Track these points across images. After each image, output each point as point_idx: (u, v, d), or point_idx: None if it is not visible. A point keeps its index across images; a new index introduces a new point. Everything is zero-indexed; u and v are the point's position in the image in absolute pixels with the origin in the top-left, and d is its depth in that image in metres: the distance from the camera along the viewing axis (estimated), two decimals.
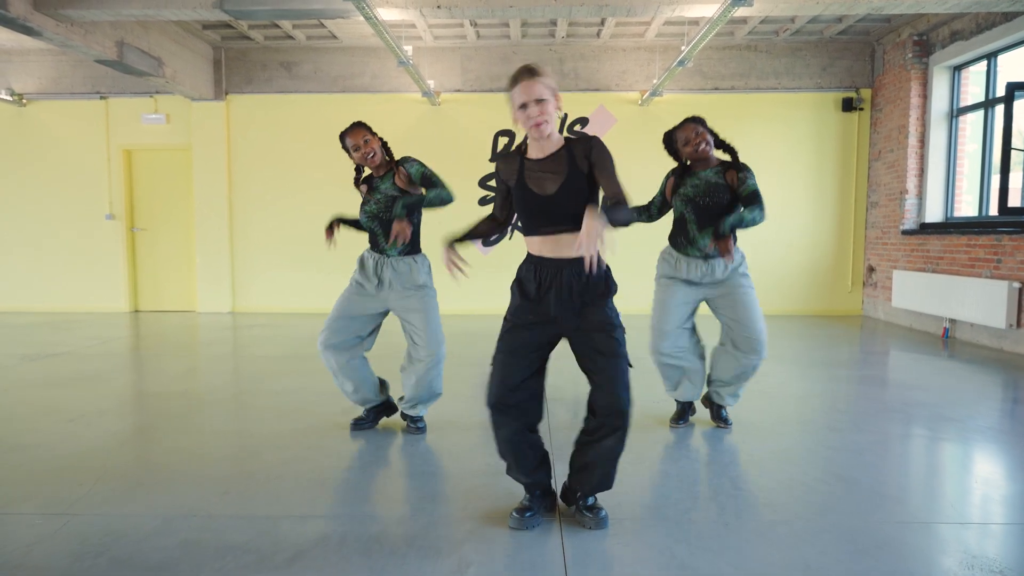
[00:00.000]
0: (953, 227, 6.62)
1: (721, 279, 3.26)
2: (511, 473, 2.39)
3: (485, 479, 2.78)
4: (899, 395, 4.27)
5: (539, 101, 2.12)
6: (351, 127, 3.22)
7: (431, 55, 8.09)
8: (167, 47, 7.21)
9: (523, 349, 2.24)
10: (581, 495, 2.36)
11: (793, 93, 8.04)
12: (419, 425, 3.45)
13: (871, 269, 8.00)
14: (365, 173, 3.39)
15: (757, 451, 3.17)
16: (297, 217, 8.31)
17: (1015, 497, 2.64)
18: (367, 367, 3.43)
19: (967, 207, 7.10)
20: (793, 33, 7.64)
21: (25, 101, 8.37)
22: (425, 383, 3.30)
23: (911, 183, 7.25)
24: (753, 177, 3.19)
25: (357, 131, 3.20)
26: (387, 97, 8.21)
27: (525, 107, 2.14)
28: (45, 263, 8.57)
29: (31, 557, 2.13)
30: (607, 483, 2.32)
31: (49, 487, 2.70)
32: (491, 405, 2.25)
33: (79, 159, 8.46)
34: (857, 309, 8.22)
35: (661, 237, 3.51)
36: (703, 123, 3.21)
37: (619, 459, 2.30)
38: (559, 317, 2.19)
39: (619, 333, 2.21)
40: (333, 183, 7.94)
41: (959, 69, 6.91)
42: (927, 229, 6.97)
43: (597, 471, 2.28)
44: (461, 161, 8.13)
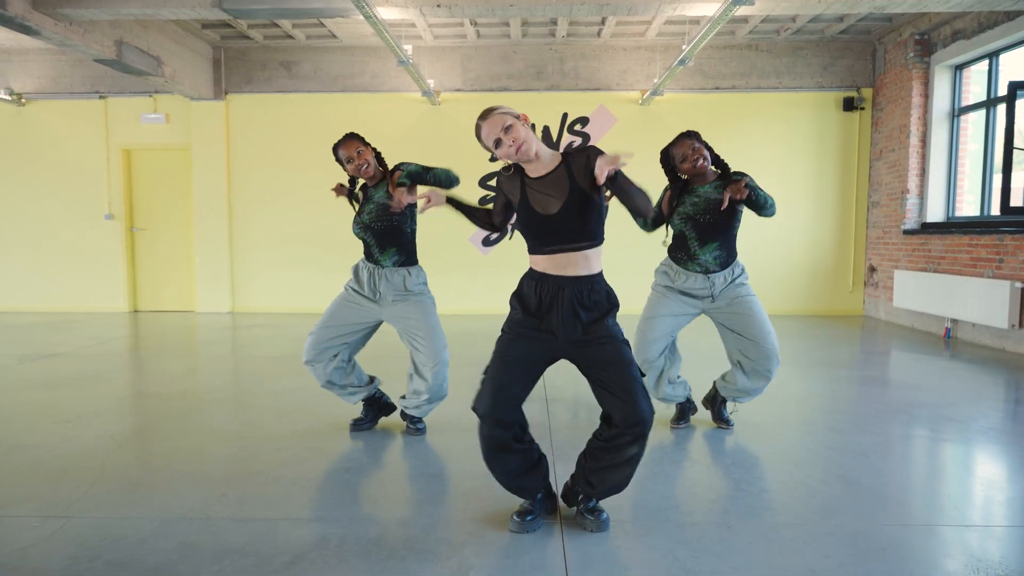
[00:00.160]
0: (955, 227, 6.60)
1: (721, 293, 3.22)
2: (498, 478, 2.33)
3: (485, 481, 2.75)
4: (901, 396, 4.25)
5: (507, 129, 2.14)
6: (344, 139, 3.18)
7: (431, 54, 8.07)
8: (166, 46, 7.19)
9: (520, 362, 2.21)
10: (584, 497, 2.34)
11: (794, 92, 8.02)
12: (419, 426, 3.43)
13: (872, 269, 7.98)
14: (359, 184, 3.37)
15: (759, 452, 3.15)
16: (297, 217, 8.29)
17: (1018, 499, 2.62)
18: (356, 370, 3.41)
19: (969, 207, 7.08)
20: (794, 32, 7.62)
21: (24, 101, 8.35)
22: (435, 386, 3.27)
23: (912, 183, 7.23)
24: (751, 180, 3.16)
25: (350, 143, 3.16)
26: (387, 97, 8.19)
27: (499, 143, 2.15)
28: (44, 263, 8.55)
29: (27, 560, 2.11)
30: (623, 487, 2.30)
31: (47, 488, 2.68)
32: (482, 415, 2.22)
33: (78, 159, 8.44)
34: (858, 309, 8.20)
35: (659, 237, 3.49)
36: (699, 138, 3.17)
37: (639, 464, 2.28)
38: (560, 334, 2.17)
39: (624, 346, 2.20)
40: (333, 183, 7.88)
41: (961, 68, 6.89)
42: (928, 229, 6.95)
43: (616, 476, 2.26)
44: (461, 161, 8.00)
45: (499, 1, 5.51)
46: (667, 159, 3.24)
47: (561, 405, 3.98)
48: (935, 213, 7.13)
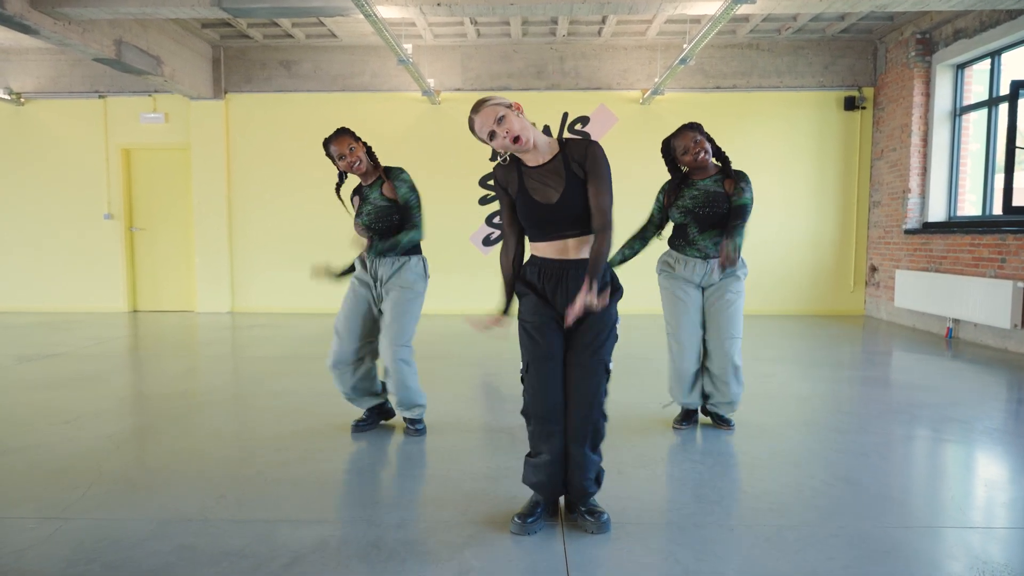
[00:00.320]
0: (956, 226, 6.57)
1: (717, 281, 3.25)
2: (531, 480, 2.32)
3: (486, 482, 2.75)
4: (903, 396, 4.23)
5: (499, 120, 2.11)
6: (335, 134, 3.16)
7: (431, 54, 8.06)
8: (166, 46, 7.17)
9: (551, 353, 2.20)
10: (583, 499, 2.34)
11: (795, 92, 7.99)
12: (417, 427, 3.41)
13: (873, 269, 7.96)
14: (350, 181, 3.37)
15: (761, 453, 3.14)
16: (297, 216, 8.27)
17: (1021, 500, 2.60)
18: (374, 378, 3.40)
19: (970, 206, 7.06)
20: (795, 31, 7.60)
21: (23, 100, 8.34)
22: (397, 385, 3.23)
23: (914, 182, 7.21)
24: (750, 189, 3.14)
25: (342, 139, 3.14)
26: (387, 96, 8.17)
27: (493, 135, 2.13)
28: (43, 263, 8.53)
29: (24, 562, 2.10)
30: (590, 487, 2.27)
31: (44, 490, 2.67)
32: (539, 416, 2.20)
33: (78, 158, 8.42)
34: (859, 309, 8.18)
35: (661, 239, 3.48)
36: (701, 130, 3.15)
37: (599, 463, 2.29)
38: (561, 309, 2.18)
39: (609, 336, 2.20)
40: (332, 182, 7.87)
41: (962, 67, 6.87)
42: (930, 228, 6.93)
43: (581, 477, 2.25)
44: (461, 160, 8.10)
45: (499, 0, 5.49)
46: (668, 150, 3.22)
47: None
48: (937, 213, 7.11)
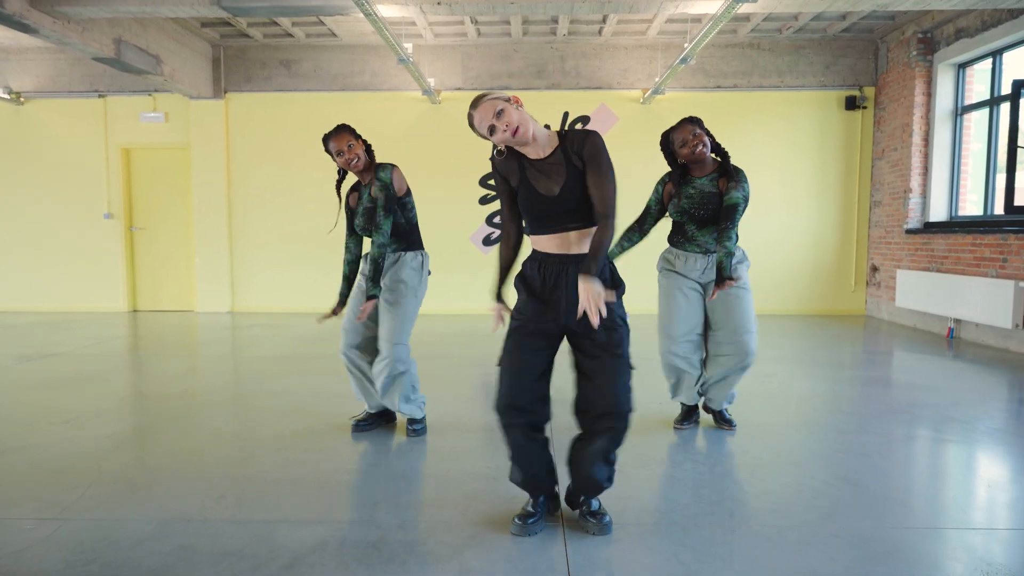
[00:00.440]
0: (958, 226, 6.56)
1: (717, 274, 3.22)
2: (516, 479, 2.34)
3: (486, 483, 2.74)
4: (904, 396, 4.22)
5: (498, 114, 2.09)
6: (335, 130, 3.14)
7: (431, 53, 8.04)
8: (165, 45, 7.16)
9: (532, 348, 2.19)
10: (584, 499, 2.33)
11: (796, 91, 7.98)
12: (416, 428, 3.39)
13: (874, 268, 7.95)
14: (351, 177, 3.36)
15: (762, 454, 3.13)
16: (297, 216, 8.26)
17: (1022, 501, 2.60)
18: None
19: (972, 206, 7.04)
20: (796, 31, 7.59)
21: (23, 100, 8.32)
22: (386, 386, 3.22)
23: (915, 182, 7.19)
24: (745, 187, 3.09)
25: (341, 135, 3.12)
26: (387, 95, 8.16)
27: (493, 129, 2.11)
28: (43, 262, 8.52)
29: (22, 563, 2.09)
30: (601, 484, 2.27)
31: (43, 490, 2.66)
32: (500, 409, 2.20)
33: (77, 158, 8.41)
34: (860, 309, 8.17)
35: (661, 236, 3.47)
36: (700, 124, 3.14)
37: (614, 462, 2.27)
38: (564, 314, 2.15)
39: (622, 332, 2.17)
40: (333, 181, 7.87)
41: (964, 67, 6.86)
42: (931, 228, 6.92)
43: (584, 472, 2.25)
44: (461, 160, 8.09)
45: None
46: (667, 143, 3.20)
47: (563, 406, 3.94)
48: (938, 212, 7.10)
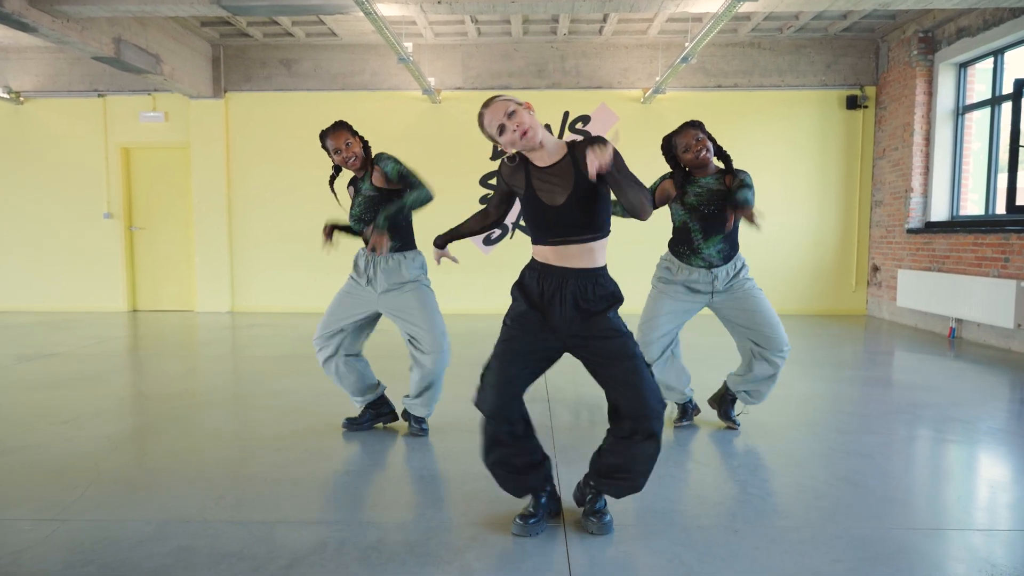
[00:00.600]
0: (959, 226, 6.55)
1: (724, 287, 3.21)
2: (500, 476, 2.31)
3: (487, 483, 2.71)
4: (905, 396, 4.21)
5: (510, 115, 2.08)
6: (333, 127, 3.12)
7: (432, 52, 8.03)
8: (165, 44, 7.15)
9: (523, 358, 2.17)
10: (592, 498, 2.31)
11: (797, 91, 7.97)
12: (423, 427, 3.39)
13: (875, 268, 7.94)
14: (346, 173, 3.34)
15: (764, 453, 3.12)
16: (297, 215, 8.24)
17: None
18: (367, 369, 3.40)
19: (973, 206, 7.03)
20: (797, 30, 7.58)
21: (22, 99, 8.31)
22: (432, 378, 3.24)
23: (916, 181, 7.18)
24: (750, 180, 3.11)
25: (339, 133, 3.10)
26: (387, 95, 8.15)
27: (503, 129, 2.10)
28: (43, 262, 8.51)
29: (20, 564, 2.08)
30: (636, 487, 2.26)
31: (42, 490, 2.65)
32: (488, 413, 2.18)
33: (77, 157, 8.40)
34: (861, 309, 8.16)
35: (661, 235, 3.45)
36: (703, 128, 3.13)
37: (655, 463, 2.25)
38: (560, 327, 2.13)
39: (628, 339, 2.15)
40: None
41: (965, 66, 6.84)
42: (932, 228, 6.90)
43: (632, 474, 2.22)
44: (462, 159, 8.08)
45: None
46: (669, 148, 3.19)
47: (563, 406, 3.94)
48: (939, 212, 7.08)
